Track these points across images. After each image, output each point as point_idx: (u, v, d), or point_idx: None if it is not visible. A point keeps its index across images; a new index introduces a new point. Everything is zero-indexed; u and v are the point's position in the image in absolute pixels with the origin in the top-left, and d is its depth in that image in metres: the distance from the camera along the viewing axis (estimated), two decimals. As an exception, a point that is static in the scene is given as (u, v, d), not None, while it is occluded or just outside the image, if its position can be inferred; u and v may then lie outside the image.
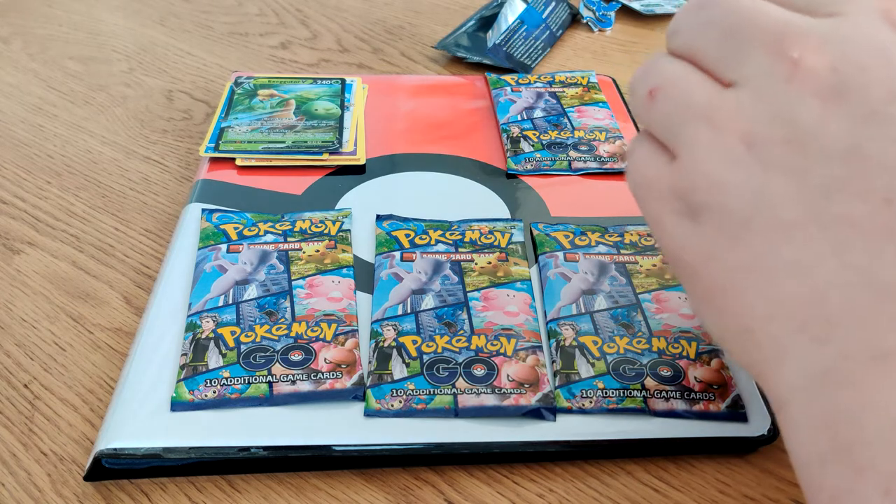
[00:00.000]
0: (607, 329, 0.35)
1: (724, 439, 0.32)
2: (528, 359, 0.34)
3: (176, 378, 0.33)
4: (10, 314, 0.39)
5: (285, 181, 0.45)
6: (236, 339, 0.34)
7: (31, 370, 0.36)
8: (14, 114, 0.56)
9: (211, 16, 0.70)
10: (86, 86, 0.59)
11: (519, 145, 0.48)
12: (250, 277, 0.38)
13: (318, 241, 0.40)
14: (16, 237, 0.44)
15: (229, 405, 0.32)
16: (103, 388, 0.35)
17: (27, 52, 0.63)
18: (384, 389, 0.32)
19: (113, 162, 0.51)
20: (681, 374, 0.33)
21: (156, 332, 0.35)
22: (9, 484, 0.32)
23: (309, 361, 0.33)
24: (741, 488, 0.31)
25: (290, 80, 0.54)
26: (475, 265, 0.39)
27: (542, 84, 0.55)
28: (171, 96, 0.58)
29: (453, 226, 0.41)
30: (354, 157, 0.47)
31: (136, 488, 0.31)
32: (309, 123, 0.49)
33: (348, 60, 0.63)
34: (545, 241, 0.40)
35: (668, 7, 0.70)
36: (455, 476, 0.32)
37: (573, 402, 0.32)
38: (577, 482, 0.31)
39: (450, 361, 0.34)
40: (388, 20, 0.69)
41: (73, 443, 0.33)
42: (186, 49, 0.64)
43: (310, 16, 0.70)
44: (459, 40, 0.62)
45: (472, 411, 0.32)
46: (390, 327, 0.35)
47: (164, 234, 0.44)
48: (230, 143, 0.47)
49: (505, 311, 0.36)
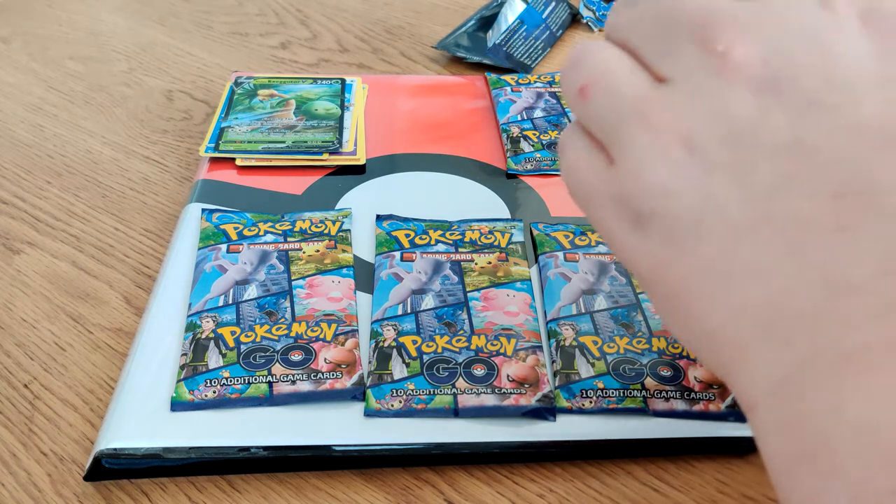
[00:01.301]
0: (607, 329, 0.35)
1: (724, 439, 0.32)
2: (528, 359, 0.34)
3: (176, 378, 0.33)
4: (10, 314, 0.39)
5: (285, 181, 0.45)
6: (236, 339, 0.34)
7: (31, 370, 0.36)
8: (14, 114, 0.56)
9: (211, 16, 0.70)
10: (86, 86, 0.59)
11: (519, 145, 0.48)
12: (250, 277, 0.38)
13: (318, 241, 0.40)
14: (16, 237, 0.44)
15: (229, 405, 0.32)
16: (103, 388, 0.35)
17: (27, 52, 0.63)
18: (384, 389, 0.32)
19: (113, 162, 0.51)
20: (681, 374, 0.33)
21: (156, 332, 0.35)
22: (9, 484, 0.32)
23: (309, 361, 0.33)
24: (741, 488, 0.31)
25: (290, 80, 0.54)
26: (475, 265, 0.39)
27: (542, 84, 0.55)
28: (171, 96, 0.58)
29: (453, 226, 0.41)
30: (354, 157, 0.47)
31: (136, 488, 0.31)
32: (309, 123, 0.49)
33: (348, 60, 0.63)
34: (545, 241, 0.40)
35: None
36: (455, 476, 0.32)
37: (573, 402, 0.32)
38: (577, 482, 0.31)
39: (450, 361, 0.34)
40: (388, 20, 0.69)
41: (73, 443, 0.33)
42: (186, 49, 0.64)
43: (310, 16, 0.70)
44: (459, 40, 0.62)
45: (472, 411, 0.32)
46: (390, 327, 0.35)
47: (164, 234, 0.44)
48: (230, 143, 0.47)
49: (505, 311, 0.36)
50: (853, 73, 0.19)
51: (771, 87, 0.19)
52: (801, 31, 0.19)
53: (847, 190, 0.18)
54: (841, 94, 0.19)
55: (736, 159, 0.19)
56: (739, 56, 0.19)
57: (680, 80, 0.20)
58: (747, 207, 0.19)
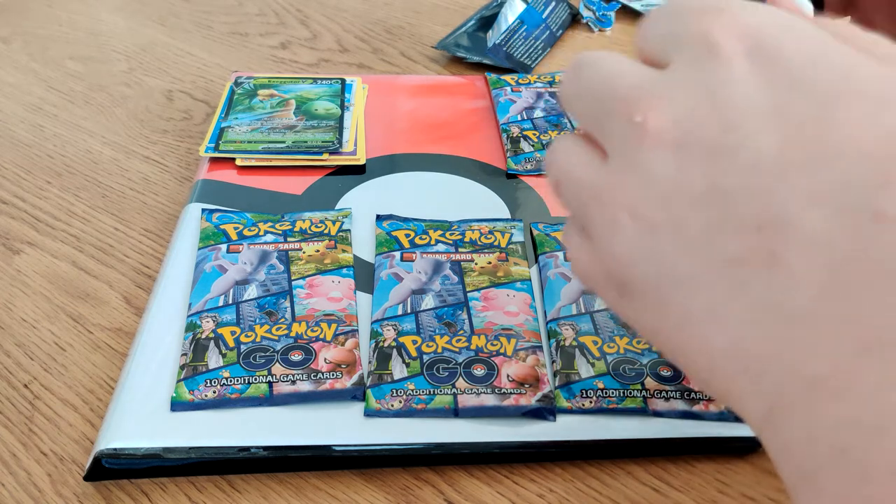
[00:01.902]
0: (607, 329, 0.35)
1: (724, 439, 0.32)
2: (528, 359, 0.34)
3: (176, 378, 0.33)
4: (10, 314, 0.39)
5: (285, 181, 0.45)
6: (236, 339, 0.34)
7: (31, 370, 0.36)
8: (14, 114, 0.56)
9: (211, 16, 0.70)
10: (86, 86, 0.59)
11: (519, 145, 0.48)
12: (250, 277, 0.38)
13: (318, 241, 0.40)
14: (16, 237, 0.44)
15: (229, 405, 0.32)
16: (103, 388, 0.35)
17: (27, 52, 0.63)
18: (384, 389, 0.32)
19: (113, 162, 0.51)
20: (681, 374, 0.33)
21: (156, 332, 0.35)
22: (9, 484, 0.32)
23: (309, 361, 0.33)
24: (741, 488, 0.31)
25: (290, 80, 0.54)
26: (475, 265, 0.39)
27: (542, 84, 0.55)
28: (171, 96, 0.58)
29: (453, 226, 0.41)
30: (354, 157, 0.47)
31: (136, 488, 0.31)
32: (309, 123, 0.49)
33: (348, 60, 0.63)
34: (545, 241, 0.40)
35: (668, 7, 0.69)
36: (455, 476, 0.32)
37: (573, 402, 0.32)
38: (577, 482, 0.31)
39: (450, 361, 0.34)
40: (388, 20, 0.69)
41: (73, 443, 0.33)
42: (186, 49, 0.64)
43: (310, 16, 0.70)
44: (459, 40, 0.62)
45: (472, 411, 0.32)
46: (390, 327, 0.35)
47: (164, 234, 0.44)
48: (230, 143, 0.47)
49: (505, 311, 0.36)
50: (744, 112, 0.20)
51: (682, 144, 0.20)
52: (698, 86, 0.21)
53: (765, 222, 0.19)
54: (736, 134, 0.20)
55: (669, 217, 0.21)
56: (653, 123, 0.21)
57: (615, 154, 0.22)
58: (689, 259, 0.20)
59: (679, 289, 0.21)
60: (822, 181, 0.18)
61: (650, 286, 0.22)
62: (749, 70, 0.20)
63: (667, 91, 0.21)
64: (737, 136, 0.20)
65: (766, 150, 0.19)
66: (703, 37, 0.21)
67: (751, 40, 0.20)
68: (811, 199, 0.18)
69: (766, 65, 0.20)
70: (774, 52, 0.20)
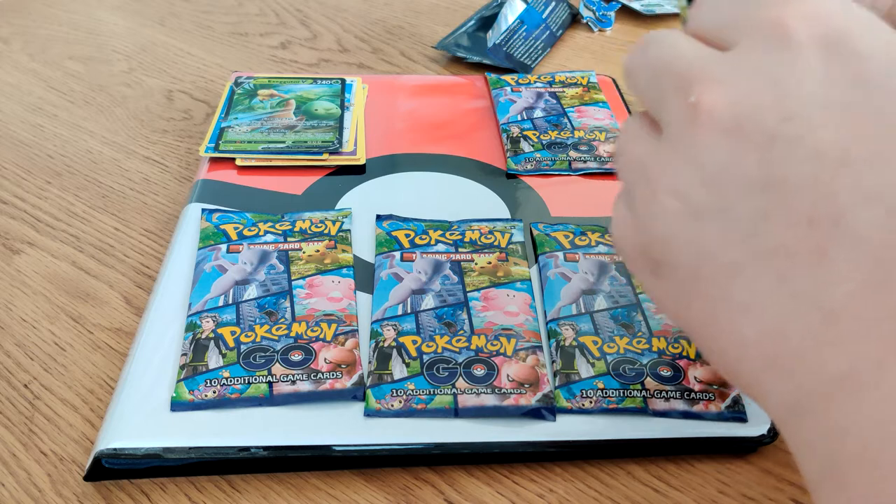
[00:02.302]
0: (607, 329, 0.35)
1: (723, 439, 0.32)
2: (528, 359, 0.34)
3: (176, 378, 0.33)
4: (10, 314, 0.39)
5: (285, 181, 0.45)
6: (236, 339, 0.34)
7: (31, 370, 0.36)
8: (14, 114, 0.56)
9: (211, 16, 0.70)
10: (86, 86, 0.59)
11: (519, 145, 0.48)
12: (250, 277, 0.38)
13: (318, 241, 0.40)
14: (16, 237, 0.44)
15: (229, 405, 0.32)
16: (103, 388, 0.35)
17: (27, 52, 0.63)
18: (384, 389, 0.32)
19: (113, 162, 0.51)
20: (681, 374, 0.33)
21: (156, 332, 0.35)
22: (9, 484, 0.32)
23: (309, 361, 0.33)
24: (741, 488, 0.31)
25: (290, 80, 0.54)
26: (475, 265, 0.39)
27: (542, 84, 0.55)
28: (171, 96, 0.58)
29: (453, 226, 0.41)
30: (354, 157, 0.47)
31: (136, 488, 0.31)
32: (309, 123, 0.49)
33: (348, 60, 0.63)
34: (545, 241, 0.40)
35: (668, 7, 0.70)
36: (455, 476, 0.32)
37: (573, 402, 0.32)
38: (577, 482, 0.31)
39: (450, 361, 0.34)
40: (388, 20, 0.69)
41: (73, 443, 0.33)
42: (186, 49, 0.64)
43: (310, 16, 0.70)
44: (459, 40, 0.62)
45: (472, 411, 0.32)
46: (390, 327, 0.35)
47: (164, 234, 0.44)
48: (230, 143, 0.47)
49: (505, 311, 0.36)
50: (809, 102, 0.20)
51: (736, 129, 0.20)
52: (762, 71, 0.20)
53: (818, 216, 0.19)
54: (797, 124, 0.19)
55: (717, 202, 0.20)
56: (707, 105, 0.21)
57: (667, 133, 0.22)
58: (733, 247, 0.20)
59: (717, 275, 0.21)
60: (880, 182, 0.18)
61: (686, 269, 0.21)
62: (820, 61, 0.20)
63: (726, 74, 0.21)
64: (798, 126, 0.19)
65: (828, 144, 0.19)
66: (776, 22, 0.20)
67: (826, 31, 0.20)
68: (867, 198, 0.18)
69: (838, 58, 0.20)
70: (849, 46, 0.20)
